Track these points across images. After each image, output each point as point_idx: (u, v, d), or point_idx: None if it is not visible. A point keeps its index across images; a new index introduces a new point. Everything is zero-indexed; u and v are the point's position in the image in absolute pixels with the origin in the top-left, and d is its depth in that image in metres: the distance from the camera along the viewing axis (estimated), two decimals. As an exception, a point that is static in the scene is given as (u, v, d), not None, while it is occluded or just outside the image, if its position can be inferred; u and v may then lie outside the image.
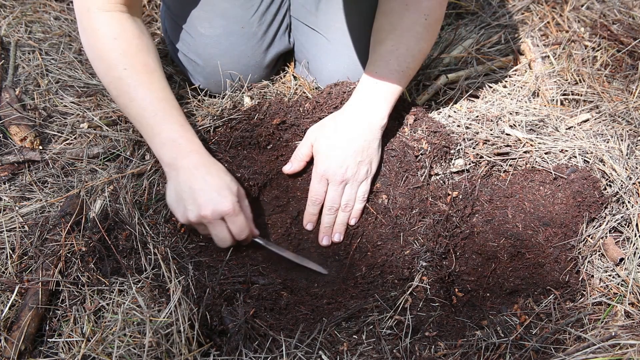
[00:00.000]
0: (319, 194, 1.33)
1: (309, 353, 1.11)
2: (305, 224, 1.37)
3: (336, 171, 1.30)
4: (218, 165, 1.27)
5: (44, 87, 1.61)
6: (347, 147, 1.30)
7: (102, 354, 1.06)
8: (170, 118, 1.25)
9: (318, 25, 1.51)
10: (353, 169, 1.31)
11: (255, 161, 1.40)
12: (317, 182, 1.33)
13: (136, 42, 1.25)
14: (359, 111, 1.32)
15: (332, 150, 1.30)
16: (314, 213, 1.36)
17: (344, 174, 1.30)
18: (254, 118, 1.43)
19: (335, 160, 1.30)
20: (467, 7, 1.91)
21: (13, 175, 1.41)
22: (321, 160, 1.32)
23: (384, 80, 1.32)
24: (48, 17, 1.83)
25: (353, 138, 1.30)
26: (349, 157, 1.30)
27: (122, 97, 1.25)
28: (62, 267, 1.19)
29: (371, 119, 1.31)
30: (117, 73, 1.23)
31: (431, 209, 1.35)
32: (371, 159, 1.33)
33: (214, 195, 1.20)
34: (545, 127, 1.51)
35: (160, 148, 1.25)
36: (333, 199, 1.33)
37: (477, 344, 1.12)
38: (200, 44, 1.51)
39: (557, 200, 1.33)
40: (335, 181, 1.31)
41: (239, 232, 1.24)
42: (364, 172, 1.32)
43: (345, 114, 1.33)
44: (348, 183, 1.32)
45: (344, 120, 1.32)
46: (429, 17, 1.31)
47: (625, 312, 1.16)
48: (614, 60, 1.71)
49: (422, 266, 1.24)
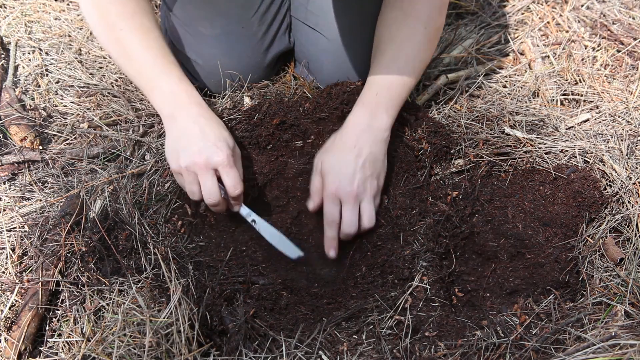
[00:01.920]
0: (334, 216, 1.27)
1: (309, 353, 1.11)
2: (328, 250, 1.29)
3: (347, 188, 1.25)
4: (217, 119, 1.28)
5: (44, 87, 1.61)
6: (355, 163, 1.26)
7: (102, 354, 1.06)
8: (170, 72, 1.28)
9: (318, 25, 1.51)
10: (364, 184, 1.27)
11: (255, 161, 1.40)
12: (330, 204, 1.27)
13: (132, 4, 1.27)
14: (361, 126, 1.29)
15: (340, 168, 1.26)
16: (334, 237, 1.29)
17: (356, 191, 1.26)
18: (254, 118, 1.43)
19: (345, 178, 1.26)
20: (467, 7, 1.91)
21: (13, 175, 1.41)
22: (330, 180, 1.27)
23: (385, 92, 1.30)
24: (48, 17, 1.83)
25: (359, 154, 1.27)
26: (358, 173, 1.26)
27: (122, 57, 1.29)
28: (62, 267, 1.19)
29: (374, 132, 1.29)
30: (114, 34, 1.27)
31: (431, 209, 1.35)
32: (379, 173, 1.31)
33: (209, 145, 1.20)
34: (545, 127, 1.51)
35: (160, 101, 1.27)
36: (349, 219, 1.27)
37: (477, 344, 1.12)
38: (200, 43, 1.51)
39: (557, 200, 1.33)
40: (349, 199, 1.26)
41: (232, 186, 1.21)
42: (375, 186, 1.30)
43: (346, 131, 1.30)
44: (362, 200, 1.28)
45: (347, 137, 1.29)
46: (429, 26, 1.30)
47: (625, 312, 1.16)
48: (614, 60, 1.71)
49: (422, 266, 1.24)
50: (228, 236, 1.35)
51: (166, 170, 1.39)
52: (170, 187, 1.37)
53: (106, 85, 1.62)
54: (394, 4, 1.32)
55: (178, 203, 1.37)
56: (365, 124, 1.29)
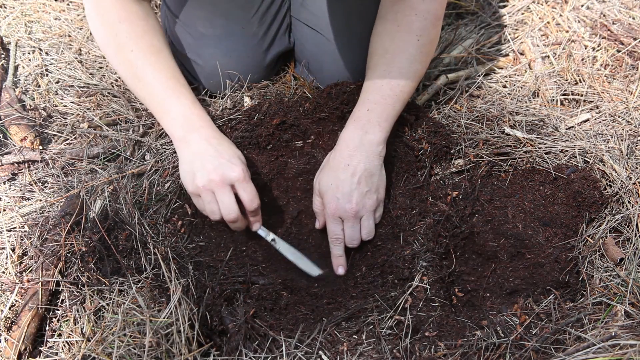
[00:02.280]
0: (338, 234, 1.30)
1: (309, 353, 1.11)
2: (337, 268, 1.31)
3: (346, 207, 1.26)
4: (228, 140, 1.30)
5: (44, 87, 1.61)
6: (351, 182, 1.27)
7: (102, 354, 1.06)
8: (180, 95, 1.29)
9: (319, 25, 1.51)
10: (362, 200, 1.28)
11: (255, 161, 1.40)
12: (332, 223, 1.29)
13: (142, 24, 1.27)
14: (354, 143, 1.29)
15: (337, 188, 1.27)
16: (341, 254, 1.31)
17: (355, 208, 1.27)
18: (254, 118, 1.43)
19: (342, 197, 1.27)
20: (467, 7, 1.91)
21: (13, 175, 1.41)
22: (329, 200, 1.28)
23: (377, 106, 1.29)
24: (48, 17, 1.83)
25: (354, 172, 1.27)
26: (354, 191, 1.27)
27: (132, 79, 1.30)
28: (62, 267, 1.19)
29: (367, 148, 1.28)
30: (124, 56, 1.27)
31: (431, 209, 1.35)
32: (377, 187, 1.31)
33: (224, 162, 1.22)
34: (545, 127, 1.51)
35: (171, 125, 1.28)
36: (351, 235, 1.30)
37: (477, 344, 1.12)
38: (200, 43, 1.51)
39: (557, 200, 1.33)
40: (349, 217, 1.28)
41: (250, 200, 1.23)
42: (374, 201, 1.30)
43: (340, 149, 1.30)
44: (363, 216, 1.29)
45: (341, 156, 1.29)
46: (422, 38, 1.29)
47: (625, 312, 1.16)
48: (614, 60, 1.71)
49: (422, 266, 1.24)
50: (228, 236, 1.35)
51: (166, 170, 1.39)
52: (170, 187, 1.37)
53: (106, 85, 1.62)
54: (387, 17, 1.31)
55: (178, 203, 1.37)
56: (357, 141, 1.28)
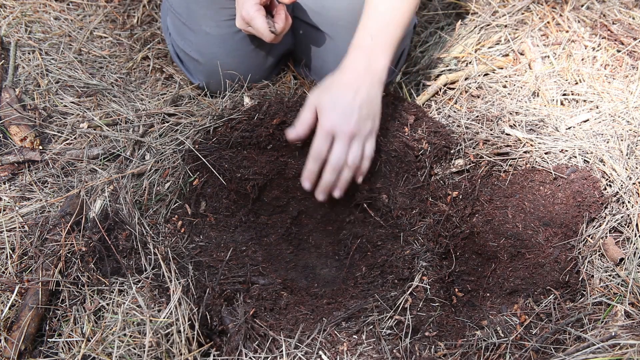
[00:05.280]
0: (322, 151, 1.26)
1: (309, 353, 1.11)
2: (303, 181, 1.29)
3: (344, 124, 1.24)
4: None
5: (44, 87, 1.61)
6: (353, 100, 1.25)
7: (102, 354, 1.06)
8: None
9: (322, 23, 1.51)
10: (360, 123, 1.26)
11: (255, 161, 1.40)
12: (321, 139, 1.26)
13: None
14: (360, 66, 1.29)
15: (337, 104, 1.25)
16: (315, 170, 1.27)
17: (353, 129, 1.24)
18: (254, 118, 1.43)
19: (343, 113, 1.24)
20: (467, 7, 1.91)
21: (13, 175, 1.41)
22: (326, 115, 1.25)
23: (380, 33, 1.30)
24: (48, 17, 1.83)
25: (357, 91, 1.26)
26: (355, 109, 1.25)
27: None
28: (62, 267, 1.19)
29: (372, 73, 1.29)
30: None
31: (431, 209, 1.35)
32: (375, 114, 1.30)
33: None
34: (545, 127, 1.51)
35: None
36: (339, 156, 1.25)
37: (477, 344, 1.12)
38: (203, 42, 1.51)
39: (557, 200, 1.33)
40: (343, 135, 1.25)
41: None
42: (370, 127, 1.28)
43: (345, 72, 1.30)
44: (355, 139, 1.26)
45: (346, 76, 1.28)
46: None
47: (625, 312, 1.16)
48: (614, 60, 1.71)
49: (422, 266, 1.24)
50: (228, 236, 1.35)
51: (166, 170, 1.39)
52: (170, 187, 1.37)
53: (106, 85, 1.62)
54: None
55: (178, 203, 1.37)
56: (363, 67, 1.29)
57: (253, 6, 1.34)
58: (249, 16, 1.35)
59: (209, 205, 1.37)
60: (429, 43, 1.80)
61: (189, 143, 1.39)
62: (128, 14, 1.86)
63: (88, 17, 1.84)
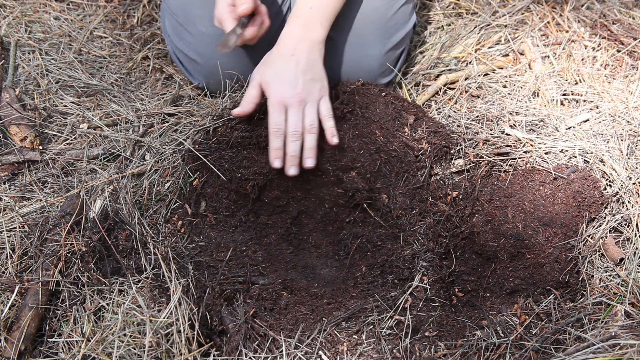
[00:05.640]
0: (279, 124, 1.30)
1: (309, 353, 1.11)
2: (273, 161, 1.31)
3: (291, 92, 1.29)
4: None
5: (44, 87, 1.61)
6: (296, 68, 1.30)
7: (102, 354, 1.06)
8: None
9: None
10: (307, 87, 1.30)
11: (255, 161, 1.40)
12: (275, 112, 1.30)
13: None
14: (297, 37, 1.33)
15: (281, 75, 1.30)
16: (279, 147, 1.30)
17: (300, 93, 1.29)
18: (254, 118, 1.43)
19: (288, 83, 1.29)
20: (467, 7, 1.91)
21: (13, 175, 1.41)
22: (273, 88, 1.30)
23: (318, 4, 1.34)
24: (48, 17, 1.83)
25: (298, 60, 1.30)
26: (299, 76, 1.29)
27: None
28: (62, 267, 1.19)
29: (309, 40, 1.33)
30: None
31: (431, 209, 1.35)
32: (320, 77, 1.34)
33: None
34: (545, 127, 1.51)
35: None
36: (295, 122, 1.29)
37: (477, 344, 1.12)
38: (200, 42, 1.51)
39: (557, 200, 1.33)
40: (294, 103, 1.29)
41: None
42: (318, 89, 1.32)
43: (283, 43, 1.34)
44: (308, 103, 1.31)
45: (284, 48, 1.33)
46: None
47: (625, 312, 1.16)
48: (614, 60, 1.71)
49: (422, 266, 1.24)
50: (228, 236, 1.35)
51: (166, 170, 1.39)
52: (170, 187, 1.37)
53: (106, 85, 1.62)
54: None
55: (178, 203, 1.37)
56: (300, 35, 1.33)
57: (225, 7, 1.34)
58: (221, 17, 1.35)
59: (209, 205, 1.37)
60: (429, 43, 1.80)
61: (188, 143, 1.39)
62: (128, 14, 1.86)
63: (88, 17, 1.84)
